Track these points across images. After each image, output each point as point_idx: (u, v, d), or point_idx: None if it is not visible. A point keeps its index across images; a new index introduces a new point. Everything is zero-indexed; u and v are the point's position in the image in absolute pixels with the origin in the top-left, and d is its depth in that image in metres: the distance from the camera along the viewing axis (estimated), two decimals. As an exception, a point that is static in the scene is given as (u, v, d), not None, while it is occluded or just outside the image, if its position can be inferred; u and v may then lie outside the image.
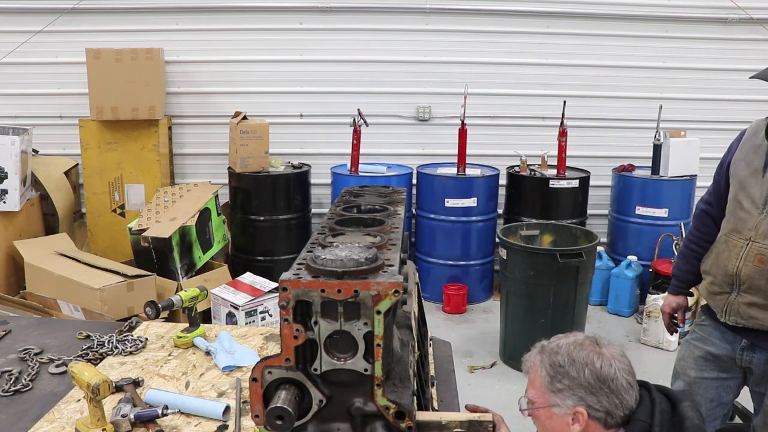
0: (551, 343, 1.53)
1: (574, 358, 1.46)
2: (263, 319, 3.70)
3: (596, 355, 1.46)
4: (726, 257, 2.10)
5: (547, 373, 1.48)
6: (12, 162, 4.25)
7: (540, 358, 1.52)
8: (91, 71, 4.75)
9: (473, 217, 5.04)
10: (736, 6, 5.19)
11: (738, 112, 5.43)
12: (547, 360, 1.49)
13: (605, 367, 1.45)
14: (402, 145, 5.50)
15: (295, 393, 1.16)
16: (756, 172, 2.05)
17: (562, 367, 1.46)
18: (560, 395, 1.46)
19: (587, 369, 1.45)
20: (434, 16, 5.28)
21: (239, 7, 5.23)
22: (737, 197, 2.10)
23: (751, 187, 2.06)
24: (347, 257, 1.17)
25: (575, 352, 1.47)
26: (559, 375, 1.46)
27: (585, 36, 5.31)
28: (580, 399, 1.44)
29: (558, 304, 3.84)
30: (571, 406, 1.45)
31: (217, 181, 5.07)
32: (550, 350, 1.51)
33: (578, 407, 1.44)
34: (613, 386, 1.44)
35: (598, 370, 1.44)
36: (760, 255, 2.00)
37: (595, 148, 5.49)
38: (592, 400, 1.44)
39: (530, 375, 1.54)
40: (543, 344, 1.56)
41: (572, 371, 1.45)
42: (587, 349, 1.48)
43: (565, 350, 1.48)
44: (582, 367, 1.45)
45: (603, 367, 1.45)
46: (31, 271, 3.98)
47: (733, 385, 2.22)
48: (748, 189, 2.06)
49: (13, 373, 2.01)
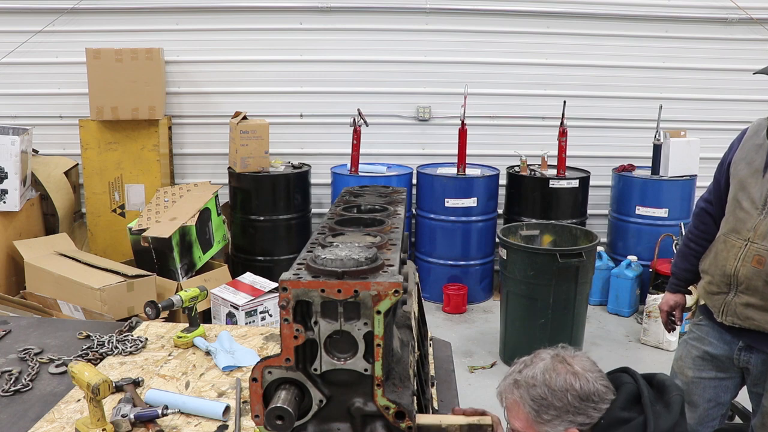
0: (523, 374, 1.51)
1: (552, 387, 1.45)
2: (263, 319, 3.70)
3: (572, 376, 1.46)
4: (724, 257, 2.10)
5: (531, 408, 1.47)
6: (12, 162, 4.25)
7: (519, 393, 1.50)
8: (91, 71, 4.75)
9: (473, 217, 5.04)
10: (736, 6, 5.19)
11: (738, 112, 5.43)
12: (527, 395, 1.48)
13: (584, 385, 1.45)
14: (402, 145, 5.50)
15: (295, 393, 1.16)
16: (756, 172, 2.04)
17: (545, 399, 1.45)
18: (549, 424, 1.46)
19: (569, 394, 1.44)
20: (434, 16, 5.28)
21: (239, 7, 5.23)
22: (737, 197, 2.09)
23: (751, 187, 2.05)
24: (347, 257, 1.17)
25: (551, 380, 1.46)
26: (543, 407, 1.45)
27: (585, 36, 5.31)
28: (570, 422, 1.45)
29: (558, 304, 3.84)
30: (563, 430, 1.45)
31: (217, 181, 5.07)
32: (526, 383, 1.49)
33: (570, 429, 1.45)
34: (596, 398, 1.45)
35: (579, 391, 1.44)
36: (758, 256, 2.00)
37: (595, 148, 5.49)
38: (582, 419, 1.45)
39: (510, 408, 1.53)
40: (515, 377, 1.53)
41: (555, 401, 1.44)
42: (561, 373, 1.47)
43: (541, 380, 1.47)
44: (564, 394, 1.44)
45: (582, 386, 1.45)
46: (31, 271, 3.98)
47: (731, 385, 2.22)
48: (748, 189, 2.05)
49: (13, 373, 2.01)
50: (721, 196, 2.21)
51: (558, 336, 3.89)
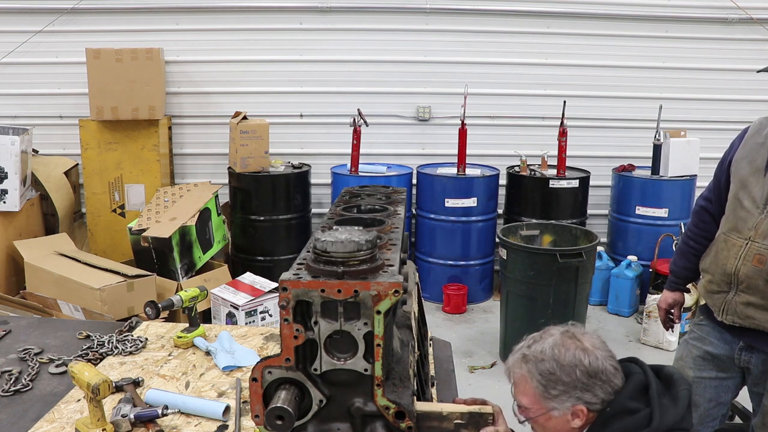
0: (532, 349, 1.51)
1: (561, 362, 1.45)
2: (263, 319, 3.70)
3: (582, 352, 1.46)
4: (725, 256, 2.09)
5: (539, 383, 1.47)
6: (12, 162, 4.25)
7: (527, 368, 1.49)
8: (91, 71, 4.75)
9: (473, 217, 5.04)
10: (736, 6, 5.19)
11: (738, 112, 5.43)
12: (535, 369, 1.47)
13: (593, 362, 1.45)
14: (402, 145, 5.50)
15: (295, 393, 1.16)
16: (758, 171, 2.04)
17: (553, 374, 1.45)
18: (557, 400, 1.46)
19: (578, 370, 1.44)
20: (434, 16, 5.28)
21: (239, 7, 5.23)
22: (738, 196, 2.09)
23: (752, 186, 2.04)
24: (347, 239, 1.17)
25: (561, 355, 1.46)
26: (551, 382, 1.46)
27: (585, 36, 5.31)
28: (578, 398, 1.45)
29: (558, 304, 3.84)
30: (570, 406, 1.45)
31: (217, 181, 5.07)
32: (535, 358, 1.49)
33: (577, 405, 1.45)
34: (604, 377, 1.45)
35: (588, 367, 1.45)
36: (759, 255, 1.99)
37: (595, 148, 5.49)
38: (588, 396, 1.45)
39: (518, 384, 1.52)
40: (524, 352, 1.52)
41: (564, 376, 1.45)
42: (571, 349, 1.47)
43: (550, 354, 1.47)
44: (572, 369, 1.45)
45: (591, 362, 1.45)
46: (31, 271, 3.98)
47: (731, 384, 2.21)
48: (749, 188, 2.05)
49: (13, 373, 2.01)
50: (721, 195, 2.21)
51: (558, 336, 3.89)
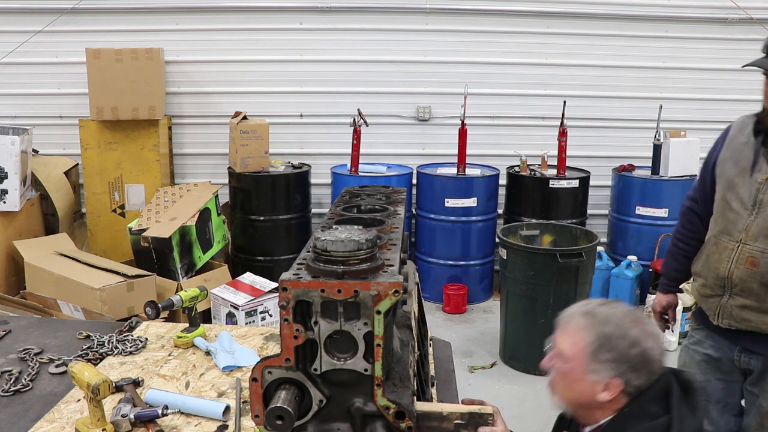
0: (600, 310, 1.48)
1: (626, 333, 1.43)
2: (263, 319, 3.70)
3: (646, 335, 1.44)
4: (717, 259, 2.06)
5: (595, 341, 1.43)
6: (12, 162, 4.25)
7: (586, 321, 1.46)
8: (91, 71, 4.75)
9: (473, 217, 5.04)
10: (736, 6, 5.18)
11: (738, 112, 5.33)
12: (597, 327, 1.44)
13: (652, 350, 1.43)
14: (402, 145, 5.50)
15: (295, 393, 1.16)
16: (744, 171, 2.00)
17: (612, 341, 1.42)
18: (601, 365, 1.43)
19: (637, 348, 1.42)
20: (434, 16, 5.28)
21: (239, 7, 5.23)
22: (725, 197, 2.05)
23: (740, 186, 2.01)
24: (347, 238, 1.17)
25: (627, 327, 1.44)
26: (605, 347, 1.42)
27: (585, 36, 5.31)
28: (622, 373, 1.42)
29: (558, 304, 3.83)
30: (609, 377, 1.43)
31: (217, 181, 5.07)
32: (601, 319, 1.45)
33: (616, 379, 1.42)
34: (652, 368, 1.44)
35: (646, 351, 1.43)
36: (751, 257, 1.96)
37: (595, 148, 5.49)
38: (631, 376, 1.42)
39: (569, 333, 1.49)
40: (590, 308, 1.49)
41: (622, 346, 1.42)
42: (639, 326, 1.44)
43: (617, 323, 1.44)
44: (633, 345, 1.42)
45: (651, 348, 1.43)
46: (31, 271, 3.98)
47: (736, 387, 2.18)
48: (737, 189, 2.01)
49: (13, 373, 2.01)
50: (707, 196, 2.17)
51: (558, 336, 3.89)
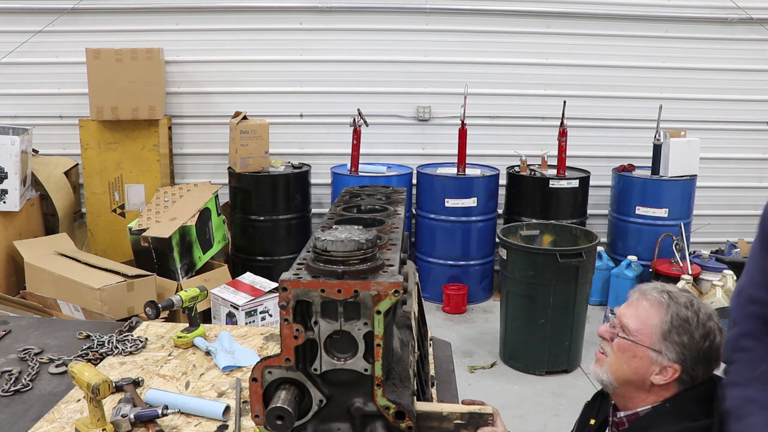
0: (678, 293, 1.47)
1: (701, 322, 1.42)
2: (263, 319, 3.70)
3: (718, 330, 1.44)
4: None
5: (670, 321, 1.42)
6: (12, 162, 4.25)
7: (665, 300, 1.45)
8: (91, 71, 4.75)
9: (473, 217, 5.04)
10: (736, 6, 5.19)
11: (738, 112, 5.44)
12: (675, 308, 1.44)
13: (719, 345, 1.43)
14: (402, 145, 5.50)
15: (295, 393, 1.16)
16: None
17: (689, 326, 1.42)
18: (670, 347, 1.42)
19: (709, 340, 1.42)
20: (434, 16, 5.28)
21: (239, 7, 5.23)
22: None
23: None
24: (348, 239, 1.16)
25: (704, 318, 1.43)
26: (680, 330, 1.42)
27: (585, 36, 5.31)
28: (684, 360, 1.41)
29: (558, 304, 3.84)
30: (671, 360, 1.42)
31: (217, 181, 5.07)
32: (682, 302, 1.45)
33: (677, 364, 1.42)
34: (712, 365, 1.43)
35: (715, 346, 1.42)
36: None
37: (595, 148, 5.49)
38: (692, 365, 1.41)
39: (642, 305, 1.48)
40: (669, 288, 1.48)
41: (697, 334, 1.41)
42: (713, 321, 1.44)
43: (695, 310, 1.43)
44: (706, 336, 1.42)
45: (719, 345, 1.43)
46: (31, 271, 3.98)
47: None
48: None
49: (13, 373, 2.01)
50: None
51: (558, 336, 3.89)
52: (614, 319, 1.53)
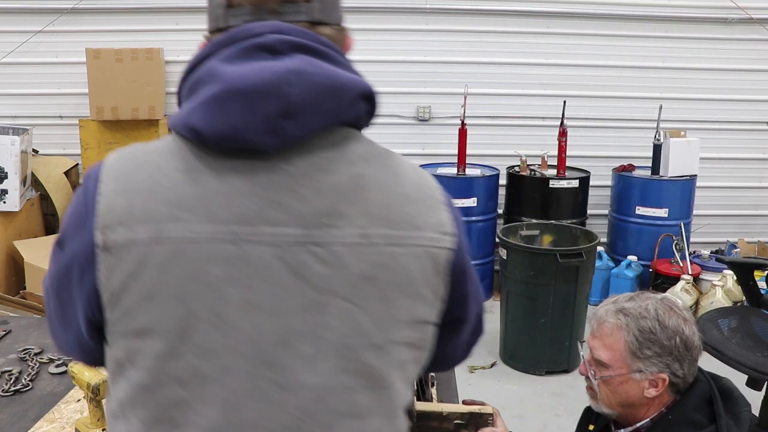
0: (632, 305, 1.45)
1: (664, 324, 1.41)
2: (263, 319, 3.69)
3: (683, 321, 1.43)
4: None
5: (635, 339, 1.41)
6: (12, 162, 4.25)
7: (624, 320, 1.44)
8: (91, 71, 4.75)
9: (473, 217, 5.03)
10: (736, 6, 5.18)
11: (738, 112, 5.43)
12: (634, 324, 1.42)
13: (691, 336, 1.42)
14: (402, 145, 5.49)
15: (295, 393, 1.15)
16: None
17: (653, 334, 1.40)
18: (646, 362, 1.41)
19: (678, 337, 1.40)
20: (434, 16, 5.28)
21: (239, 7, 5.22)
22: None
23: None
24: None
25: (664, 318, 1.42)
26: (648, 342, 1.40)
27: (585, 36, 5.30)
28: (666, 366, 1.41)
29: (558, 304, 3.84)
30: (655, 372, 1.41)
31: (217, 181, 5.06)
32: (637, 314, 1.43)
33: (662, 373, 1.41)
34: (695, 354, 1.42)
35: (687, 338, 1.41)
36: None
37: (595, 148, 5.48)
38: (676, 367, 1.41)
39: (605, 336, 1.46)
40: (622, 305, 1.46)
41: (664, 339, 1.40)
42: (674, 315, 1.43)
43: (653, 315, 1.42)
44: (674, 335, 1.40)
45: (690, 334, 1.42)
46: (31, 271, 3.98)
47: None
48: None
49: (13, 373, 2.01)
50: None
51: (558, 336, 3.89)
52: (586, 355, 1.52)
